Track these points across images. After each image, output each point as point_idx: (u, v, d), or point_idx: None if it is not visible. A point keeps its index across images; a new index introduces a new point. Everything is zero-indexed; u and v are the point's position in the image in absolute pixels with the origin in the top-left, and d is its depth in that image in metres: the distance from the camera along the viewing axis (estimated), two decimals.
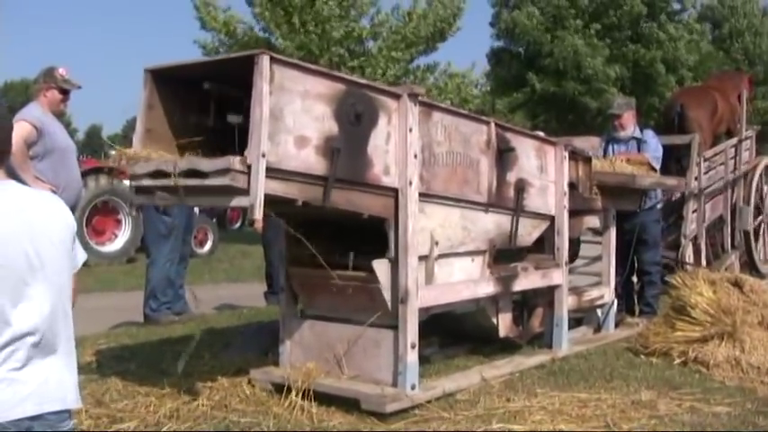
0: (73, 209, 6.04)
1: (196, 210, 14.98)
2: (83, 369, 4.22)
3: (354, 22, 18.85)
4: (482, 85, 25.58)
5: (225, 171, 3.99)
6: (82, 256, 2.67)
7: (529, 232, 6.11)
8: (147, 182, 4.42)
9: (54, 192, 4.99)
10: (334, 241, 5.08)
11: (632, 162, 7.58)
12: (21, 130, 5.79)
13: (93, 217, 14.69)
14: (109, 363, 5.84)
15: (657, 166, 7.80)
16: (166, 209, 7.76)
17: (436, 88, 19.03)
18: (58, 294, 2.46)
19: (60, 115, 6.75)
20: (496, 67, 29.81)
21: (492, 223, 5.69)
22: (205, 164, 4.12)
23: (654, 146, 7.94)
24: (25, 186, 2.58)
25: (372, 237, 5.03)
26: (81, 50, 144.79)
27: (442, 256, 5.23)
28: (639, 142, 7.96)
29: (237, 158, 3.99)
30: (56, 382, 2.43)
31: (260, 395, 4.95)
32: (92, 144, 60.56)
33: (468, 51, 25.15)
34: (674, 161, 9.49)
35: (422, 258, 5.02)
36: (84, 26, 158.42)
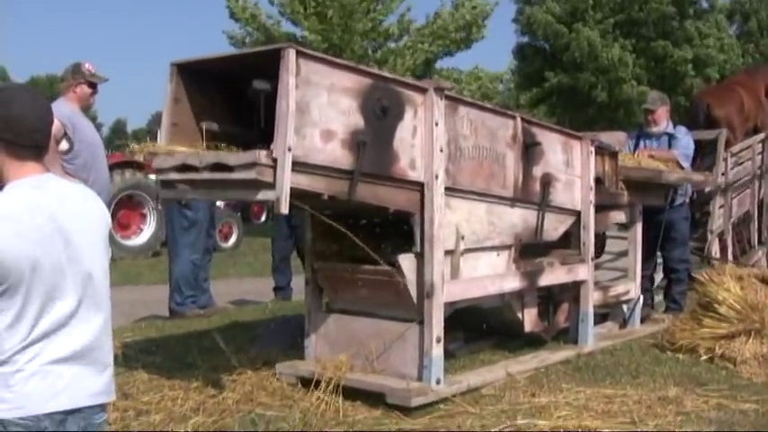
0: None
1: (220, 203, 15.08)
2: None
3: (382, 16, 18.87)
4: (507, 81, 25.61)
5: (251, 165, 4.01)
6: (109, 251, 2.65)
7: (555, 227, 6.07)
8: (173, 176, 4.44)
9: None
10: (357, 235, 5.07)
11: (658, 158, 7.50)
12: None
13: (119, 211, 14.80)
14: (135, 356, 5.87)
15: (686, 165, 7.66)
16: (188, 203, 7.79)
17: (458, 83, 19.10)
18: (97, 288, 2.44)
19: (87, 110, 6.82)
20: (521, 62, 29.76)
21: (518, 218, 5.66)
22: (231, 158, 4.14)
23: (685, 143, 7.78)
24: (64, 180, 2.56)
25: (393, 231, 5.02)
26: (106, 45, 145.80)
27: (468, 251, 5.21)
28: (671, 138, 7.83)
29: (264, 152, 4.00)
30: (91, 376, 2.39)
31: (286, 389, 4.97)
32: (117, 139, 60.92)
33: (497, 47, 25.21)
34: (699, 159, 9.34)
35: (447, 253, 5.00)
36: (108, 21, 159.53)
